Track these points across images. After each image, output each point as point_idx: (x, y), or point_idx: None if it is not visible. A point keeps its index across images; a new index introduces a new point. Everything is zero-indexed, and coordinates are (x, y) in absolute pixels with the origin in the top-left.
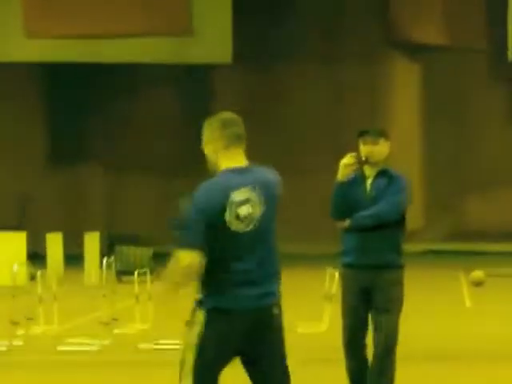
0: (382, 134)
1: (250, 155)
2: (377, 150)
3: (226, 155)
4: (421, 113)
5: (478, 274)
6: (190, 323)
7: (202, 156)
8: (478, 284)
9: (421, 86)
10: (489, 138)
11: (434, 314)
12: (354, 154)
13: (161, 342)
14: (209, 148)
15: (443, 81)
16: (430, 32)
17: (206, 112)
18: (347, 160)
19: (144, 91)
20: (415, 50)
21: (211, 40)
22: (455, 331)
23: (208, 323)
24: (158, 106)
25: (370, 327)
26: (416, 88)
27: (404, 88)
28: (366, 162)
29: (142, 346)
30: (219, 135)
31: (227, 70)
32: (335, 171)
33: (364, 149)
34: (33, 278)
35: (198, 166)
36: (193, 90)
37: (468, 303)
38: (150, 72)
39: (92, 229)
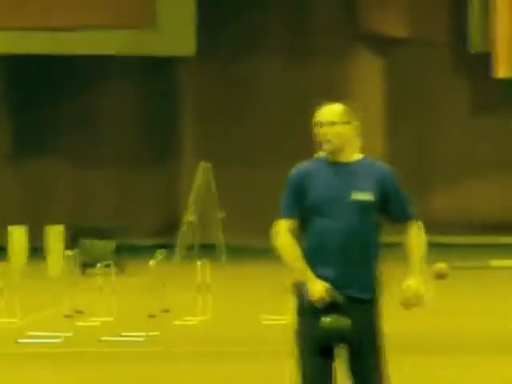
0: None
1: (215, 148)
2: None
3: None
4: (384, 105)
5: (441, 266)
6: None
7: (164, 149)
8: (440, 276)
9: (384, 79)
10: (452, 130)
11: (394, 306)
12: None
13: (124, 334)
14: (352, 131)
15: (406, 74)
16: (393, 25)
17: (170, 104)
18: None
19: (107, 84)
20: (379, 43)
21: (175, 32)
22: (416, 323)
23: None
24: (120, 98)
25: None
26: (379, 81)
27: (367, 81)
28: None
29: (106, 338)
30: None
31: (191, 63)
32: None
33: None
34: None
35: (161, 158)
36: (156, 82)
37: (430, 296)
38: (112, 64)
39: (55, 222)
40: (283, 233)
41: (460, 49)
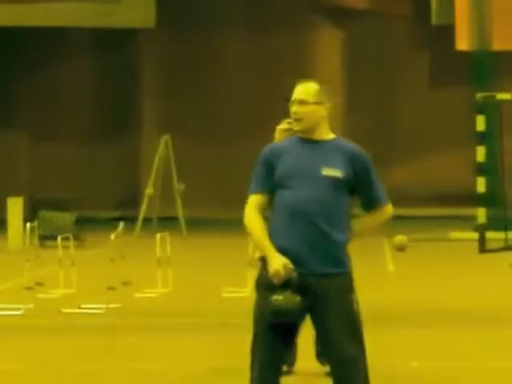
0: None
1: (176, 120)
2: None
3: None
4: (344, 78)
5: (400, 238)
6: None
7: (125, 121)
8: (400, 249)
9: (345, 51)
10: (412, 102)
11: (356, 278)
12: (290, 120)
13: (84, 306)
14: (325, 111)
15: (367, 46)
16: None
17: (130, 77)
18: (283, 126)
19: (66, 56)
20: (339, 16)
21: (134, 4)
22: (377, 295)
23: None
24: (80, 70)
25: None
26: (340, 53)
27: (328, 53)
28: None
29: (66, 310)
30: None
31: (151, 35)
32: (263, 138)
33: None
34: None
35: (122, 131)
36: (116, 54)
37: (391, 268)
38: (72, 37)
39: (15, 194)
40: (250, 208)
41: (422, 21)
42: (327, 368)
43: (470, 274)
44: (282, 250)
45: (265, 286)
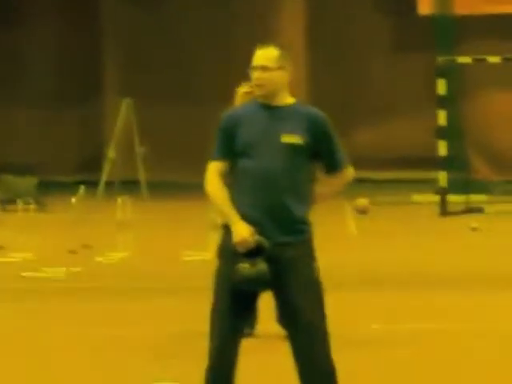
0: None
1: (138, 84)
2: None
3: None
4: (306, 42)
5: (362, 201)
6: None
7: (87, 85)
8: (362, 212)
9: (306, 16)
10: (374, 66)
11: (317, 241)
12: (251, 83)
13: (44, 269)
14: (286, 76)
15: (329, 10)
16: None
17: (92, 41)
18: (244, 88)
19: (28, 19)
20: None
21: None
22: (338, 258)
23: None
24: (42, 34)
25: None
26: (300, 18)
27: (288, 18)
28: None
29: (26, 273)
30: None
31: (113, 1)
32: (224, 101)
33: None
34: None
35: (84, 95)
36: (78, 18)
37: (352, 231)
38: (34, 2)
39: None
40: (212, 175)
41: None
42: None
43: (430, 236)
44: (244, 219)
45: (229, 253)
